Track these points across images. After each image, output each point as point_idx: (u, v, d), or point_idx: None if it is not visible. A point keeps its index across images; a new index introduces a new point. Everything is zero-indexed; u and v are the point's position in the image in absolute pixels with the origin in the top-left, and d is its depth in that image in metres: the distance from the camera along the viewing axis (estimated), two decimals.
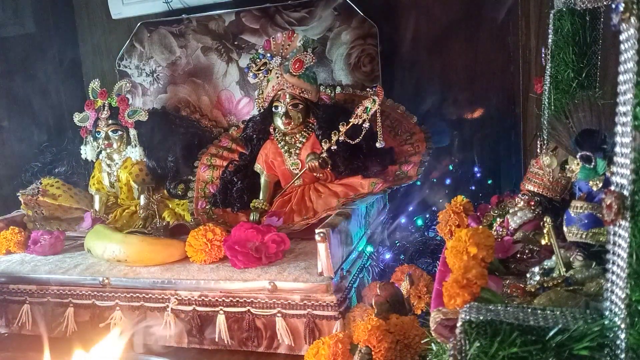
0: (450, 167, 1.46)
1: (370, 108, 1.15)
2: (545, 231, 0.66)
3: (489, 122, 1.44)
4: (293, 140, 1.26)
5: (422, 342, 0.79)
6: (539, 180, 0.79)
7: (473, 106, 1.45)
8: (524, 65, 1.36)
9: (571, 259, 0.62)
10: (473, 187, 1.43)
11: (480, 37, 1.42)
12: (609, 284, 0.44)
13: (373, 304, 0.89)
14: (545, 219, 0.66)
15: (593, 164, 0.66)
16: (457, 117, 1.46)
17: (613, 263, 0.43)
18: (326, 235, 0.92)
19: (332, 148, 1.18)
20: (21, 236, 1.24)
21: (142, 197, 1.41)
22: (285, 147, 1.26)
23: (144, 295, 1.05)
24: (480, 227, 0.69)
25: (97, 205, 1.45)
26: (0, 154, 1.59)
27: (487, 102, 1.44)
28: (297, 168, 1.25)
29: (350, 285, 1.00)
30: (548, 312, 0.45)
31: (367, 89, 1.36)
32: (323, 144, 1.19)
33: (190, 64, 1.55)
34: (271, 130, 1.29)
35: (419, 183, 1.38)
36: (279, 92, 1.22)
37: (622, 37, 0.41)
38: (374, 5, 1.43)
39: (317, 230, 0.92)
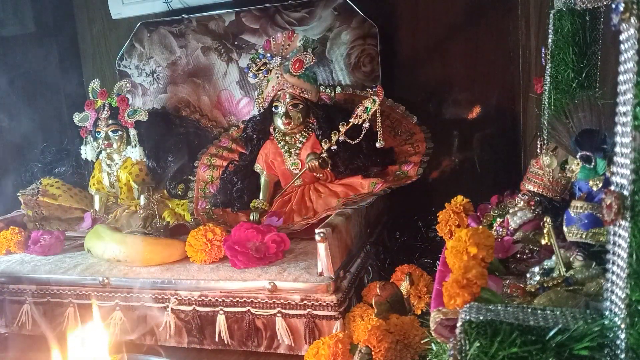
0: (450, 167, 1.46)
1: (370, 108, 1.15)
2: (545, 231, 0.66)
3: (488, 122, 1.44)
4: (293, 140, 1.26)
5: (422, 342, 0.79)
6: (539, 180, 0.79)
7: (473, 106, 1.45)
8: (524, 65, 1.35)
9: (571, 259, 0.62)
10: (473, 187, 1.43)
11: (480, 37, 1.42)
12: (609, 284, 0.44)
13: (373, 304, 0.89)
14: (545, 219, 0.66)
15: (593, 164, 0.66)
16: (457, 117, 1.46)
17: (613, 263, 0.43)
18: (326, 235, 0.92)
19: (332, 148, 1.18)
20: (21, 236, 1.24)
21: (142, 197, 1.41)
22: (285, 147, 1.26)
23: (144, 295, 1.05)
24: (480, 227, 0.69)
25: (97, 205, 1.45)
26: (0, 154, 1.59)
27: (487, 102, 1.44)
28: (297, 168, 1.25)
29: (350, 285, 0.99)
30: (548, 312, 0.45)
31: (367, 89, 1.36)
32: (323, 144, 1.19)
33: (190, 64, 1.55)
34: (271, 130, 1.29)
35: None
36: (279, 92, 1.22)
37: (622, 37, 0.41)
38: (374, 5, 1.43)
39: (317, 230, 0.92)
